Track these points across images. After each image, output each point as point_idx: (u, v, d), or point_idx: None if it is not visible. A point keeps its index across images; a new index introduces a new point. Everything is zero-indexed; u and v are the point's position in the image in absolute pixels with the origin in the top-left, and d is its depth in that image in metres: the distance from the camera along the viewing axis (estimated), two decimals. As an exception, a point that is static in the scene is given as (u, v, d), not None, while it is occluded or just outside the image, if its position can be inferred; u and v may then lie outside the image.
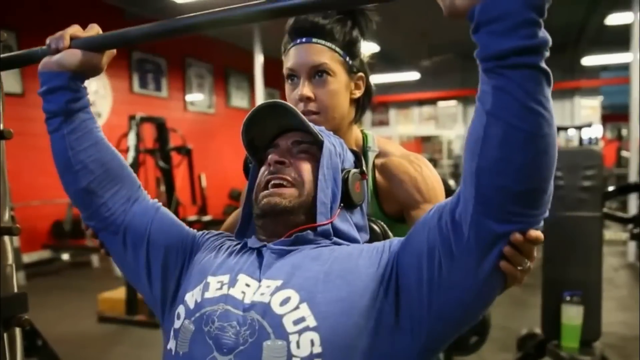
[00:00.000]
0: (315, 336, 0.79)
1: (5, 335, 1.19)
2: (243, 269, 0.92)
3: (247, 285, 0.89)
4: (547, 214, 0.74)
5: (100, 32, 1.00)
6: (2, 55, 1.06)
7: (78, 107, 1.02)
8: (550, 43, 0.66)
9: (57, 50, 0.98)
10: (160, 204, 1.13)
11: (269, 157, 1.00)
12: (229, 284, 0.90)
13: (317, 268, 0.87)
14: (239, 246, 1.01)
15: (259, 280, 0.89)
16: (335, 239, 0.97)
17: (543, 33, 0.65)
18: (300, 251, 0.93)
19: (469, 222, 0.73)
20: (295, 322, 0.80)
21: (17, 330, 1.23)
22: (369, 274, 0.85)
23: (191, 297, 0.92)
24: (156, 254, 1.04)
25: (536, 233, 0.73)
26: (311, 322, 0.80)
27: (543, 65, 0.66)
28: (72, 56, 0.97)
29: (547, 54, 0.66)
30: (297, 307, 0.82)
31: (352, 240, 1.00)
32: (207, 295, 0.90)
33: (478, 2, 0.67)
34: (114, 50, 1.04)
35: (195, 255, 1.04)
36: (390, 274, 0.85)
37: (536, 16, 0.64)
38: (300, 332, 0.79)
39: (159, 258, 1.03)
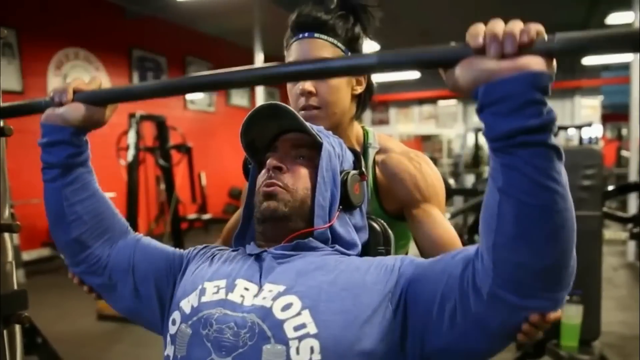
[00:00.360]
0: (315, 343, 0.79)
1: (5, 332, 1.19)
2: (240, 273, 0.92)
3: (246, 289, 0.88)
4: (569, 288, 0.72)
5: (103, 84, 1.00)
6: (4, 105, 1.05)
7: (78, 162, 1.02)
8: (556, 119, 0.66)
9: (61, 104, 0.97)
10: (142, 235, 1.12)
11: (268, 161, 1.00)
12: (226, 288, 0.89)
13: (322, 277, 0.87)
14: (234, 253, 1.01)
15: (259, 284, 0.89)
16: (336, 246, 0.97)
17: (548, 110, 0.65)
18: (303, 257, 0.93)
19: (488, 292, 0.72)
20: (296, 328, 0.80)
21: (17, 327, 1.23)
22: (376, 290, 0.85)
23: (187, 303, 0.91)
24: (146, 283, 1.04)
25: (555, 315, 0.72)
26: (312, 329, 0.80)
27: (551, 141, 0.65)
28: (76, 111, 0.96)
29: (555, 129, 0.66)
30: (298, 314, 0.81)
31: (351, 244, 1.00)
32: (204, 299, 0.89)
33: (481, 84, 0.66)
34: (117, 104, 1.03)
35: (187, 269, 1.03)
36: (400, 296, 0.84)
37: (540, 95, 0.64)
38: (300, 339, 0.79)
39: (149, 285, 1.04)
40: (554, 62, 0.66)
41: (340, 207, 1.00)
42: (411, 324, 0.83)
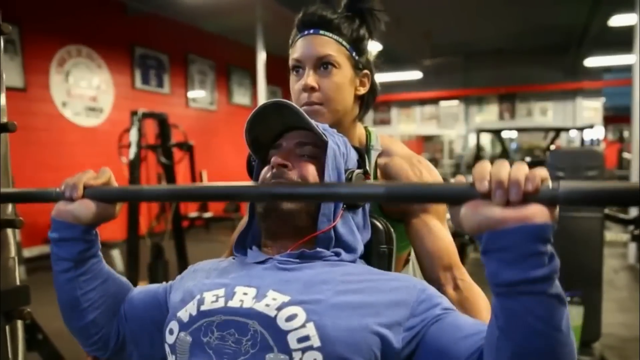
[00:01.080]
0: (318, 356, 0.78)
1: (7, 327, 1.20)
2: (239, 281, 0.91)
3: (245, 293, 0.88)
4: None
5: (113, 177, 0.99)
6: (13, 190, 1.06)
7: (89, 255, 1.02)
8: (559, 266, 0.67)
9: (71, 199, 0.96)
10: (131, 287, 1.12)
11: (272, 158, 0.99)
12: (225, 297, 0.89)
13: (329, 292, 0.86)
14: (233, 262, 1.01)
15: (259, 288, 0.88)
16: (342, 253, 0.97)
17: (550, 257, 0.66)
18: (310, 268, 0.92)
19: None
20: (300, 340, 0.79)
21: (19, 323, 1.23)
22: (386, 316, 0.84)
23: (184, 312, 0.90)
24: (145, 330, 1.04)
25: None
26: (315, 342, 0.79)
27: (553, 290, 0.66)
28: (87, 209, 0.96)
29: (557, 276, 0.67)
30: (303, 326, 0.81)
31: (354, 245, 1.00)
32: (203, 308, 0.88)
33: (486, 229, 0.67)
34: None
35: (177, 288, 1.02)
36: (413, 338, 0.83)
37: (542, 247, 0.65)
38: (303, 350, 0.78)
39: (152, 330, 1.03)
40: (557, 210, 0.66)
41: (344, 206, 1.00)
42: None
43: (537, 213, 0.64)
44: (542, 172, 0.65)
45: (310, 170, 0.99)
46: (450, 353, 0.79)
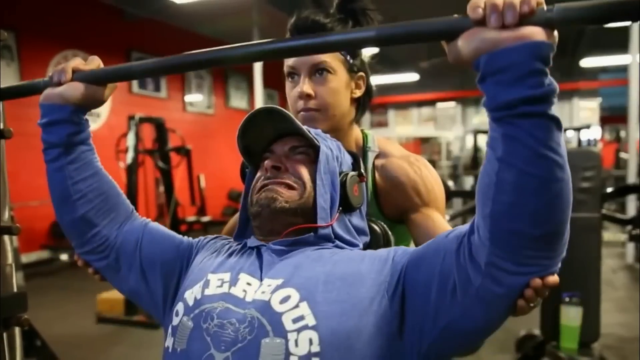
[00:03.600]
0: (314, 335, 0.79)
1: (4, 335, 1.19)
2: (244, 268, 0.92)
3: (249, 284, 0.89)
4: (563, 255, 0.73)
5: (101, 64, 1.00)
6: (3, 87, 1.05)
7: (79, 140, 1.02)
8: (558, 90, 0.67)
9: (60, 83, 0.97)
10: (149, 220, 1.13)
11: (265, 162, 0.99)
12: (230, 282, 0.90)
13: (319, 269, 0.87)
14: (239, 247, 1.01)
15: (261, 280, 0.89)
16: (337, 241, 0.97)
17: (550, 81, 0.66)
18: (301, 252, 0.93)
19: (485, 262, 0.73)
20: (295, 321, 0.80)
21: (17, 330, 1.23)
22: (372, 279, 0.85)
23: (190, 294, 0.91)
24: (152, 266, 1.04)
25: (554, 279, 0.73)
26: (310, 320, 0.80)
27: (551, 112, 0.66)
28: (75, 90, 0.96)
29: (555, 100, 0.67)
30: (296, 306, 0.82)
31: (352, 244, 1.00)
32: (207, 292, 0.89)
33: (484, 53, 0.67)
34: (117, 83, 1.03)
35: (195, 258, 1.04)
36: (397, 284, 0.84)
37: (542, 65, 0.65)
38: (299, 331, 0.79)
39: (155, 269, 1.04)
40: (555, 33, 0.66)
41: (340, 208, 1.00)
42: (409, 310, 0.83)
43: (535, 31, 0.64)
44: None
45: (305, 171, 0.99)
46: (427, 264, 0.82)
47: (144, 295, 1.06)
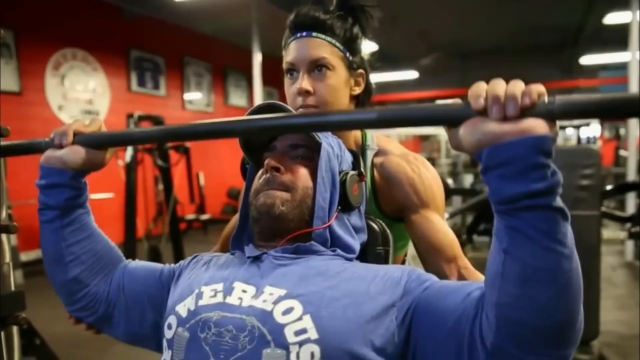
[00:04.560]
0: (316, 349, 0.78)
1: (2, 333, 1.19)
2: (238, 277, 0.91)
3: (244, 291, 0.88)
4: (577, 343, 0.71)
5: (103, 126, 0.99)
6: (3, 143, 1.04)
7: (77, 204, 1.01)
8: (562, 180, 0.65)
9: (61, 146, 0.95)
10: (129, 261, 1.13)
11: (266, 161, 0.99)
12: (224, 291, 0.88)
13: (325, 283, 0.86)
14: (231, 257, 1.01)
15: (258, 286, 0.88)
16: (337, 250, 0.97)
17: (553, 173, 0.65)
18: (305, 261, 0.92)
19: (492, 343, 0.71)
20: (297, 333, 0.79)
21: (15, 329, 1.22)
22: (380, 301, 0.83)
23: (183, 307, 0.90)
24: (139, 305, 1.04)
25: None
26: (313, 334, 0.79)
27: (556, 204, 0.65)
28: (76, 154, 0.95)
29: (560, 190, 0.65)
30: (300, 318, 0.80)
31: (350, 245, 1.00)
32: (202, 302, 0.88)
33: (485, 146, 0.66)
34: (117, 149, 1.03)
35: (181, 277, 1.03)
36: (405, 314, 0.83)
37: (544, 159, 0.64)
38: (301, 344, 0.78)
39: (144, 307, 1.04)
40: (557, 124, 0.65)
41: (339, 207, 1.00)
42: (413, 344, 0.82)
43: (537, 125, 0.63)
44: (538, 87, 0.64)
45: (303, 173, 0.99)
46: (441, 309, 0.79)
47: (141, 335, 1.06)
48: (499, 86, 0.65)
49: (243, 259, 0.98)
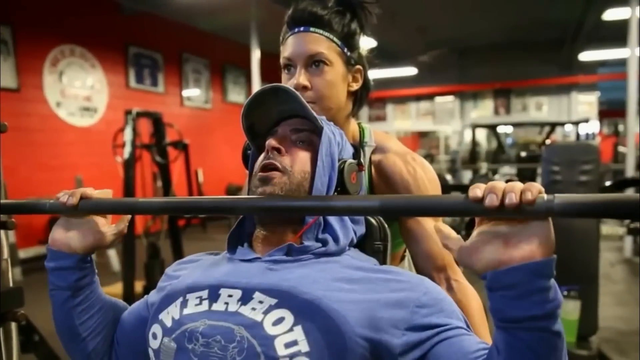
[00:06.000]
0: None
1: (1, 329, 1.19)
2: (224, 282, 0.90)
3: (230, 295, 0.86)
4: None
5: (110, 195, 1.00)
6: (5, 202, 1.05)
7: (86, 283, 1.01)
8: (562, 301, 0.68)
9: (65, 206, 0.95)
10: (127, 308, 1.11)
11: (267, 142, 0.98)
12: (209, 299, 0.87)
13: (319, 293, 0.83)
14: (219, 258, 1.01)
15: (244, 290, 0.86)
16: (330, 242, 0.96)
17: (553, 295, 0.67)
18: (299, 267, 0.90)
19: None
20: (287, 345, 0.77)
21: (13, 325, 1.22)
22: (381, 319, 0.81)
23: (167, 315, 0.88)
24: (138, 351, 1.02)
25: None
26: (304, 347, 0.77)
27: (555, 327, 0.67)
28: (82, 238, 0.98)
29: (560, 311, 0.68)
30: (290, 330, 0.78)
31: (339, 235, 0.98)
32: (186, 311, 0.86)
33: (488, 270, 0.68)
34: (125, 228, 1.03)
35: (164, 287, 1.01)
36: (415, 345, 0.81)
37: (546, 282, 0.66)
38: (291, 357, 0.76)
39: (140, 347, 1.00)
40: (552, 231, 0.67)
41: (336, 194, 0.99)
42: None
43: (539, 249, 0.65)
44: (537, 185, 0.66)
45: (302, 157, 0.98)
46: None
47: None
48: (499, 183, 0.67)
49: (232, 260, 0.97)
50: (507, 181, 0.68)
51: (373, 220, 1.13)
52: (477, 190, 0.67)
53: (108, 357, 1.05)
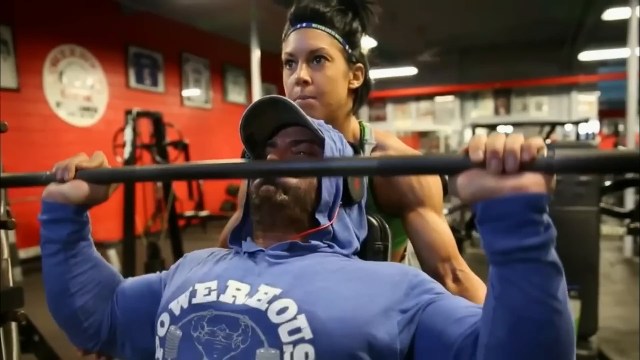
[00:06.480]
0: (310, 349, 0.77)
1: (1, 329, 1.19)
2: (233, 274, 0.91)
3: (238, 289, 0.87)
4: None
5: (106, 161, 0.99)
6: (4, 175, 1.04)
7: (79, 237, 1.00)
8: (555, 234, 0.66)
9: (63, 181, 0.95)
10: (120, 279, 1.10)
11: (268, 157, 0.99)
12: (218, 290, 0.88)
13: (320, 283, 0.85)
14: (228, 253, 1.01)
15: (252, 284, 0.87)
16: (335, 247, 0.96)
17: (546, 227, 0.65)
18: (301, 260, 0.91)
19: None
20: (291, 333, 0.78)
21: (13, 325, 1.22)
22: (378, 303, 0.83)
23: (176, 304, 0.89)
24: (138, 322, 1.03)
25: None
26: (307, 334, 0.78)
27: (549, 258, 0.66)
28: (78, 190, 0.95)
29: (553, 246, 0.66)
30: (294, 318, 0.79)
31: (348, 241, 0.99)
32: (195, 301, 0.87)
33: (479, 200, 0.67)
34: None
35: (174, 277, 1.02)
36: (409, 323, 0.82)
37: (537, 216, 0.65)
38: (295, 343, 0.77)
39: (142, 323, 1.02)
40: (554, 178, 0.66)
41: (341, 202, 0.99)
42: (412, 356, 0.82)
43: (533, 182, 0.64)
44: (537, 141, 0.65)
45: None
46: (444, 336, 0.79)
47: (150, 350, 1.01)
48: (499, 140, 0.66)
49: (239, 255, 0.98)
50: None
51: (374, 221, 1.14)
52: (479, 152, 0.66)
53: (99, 324, 1.03)
